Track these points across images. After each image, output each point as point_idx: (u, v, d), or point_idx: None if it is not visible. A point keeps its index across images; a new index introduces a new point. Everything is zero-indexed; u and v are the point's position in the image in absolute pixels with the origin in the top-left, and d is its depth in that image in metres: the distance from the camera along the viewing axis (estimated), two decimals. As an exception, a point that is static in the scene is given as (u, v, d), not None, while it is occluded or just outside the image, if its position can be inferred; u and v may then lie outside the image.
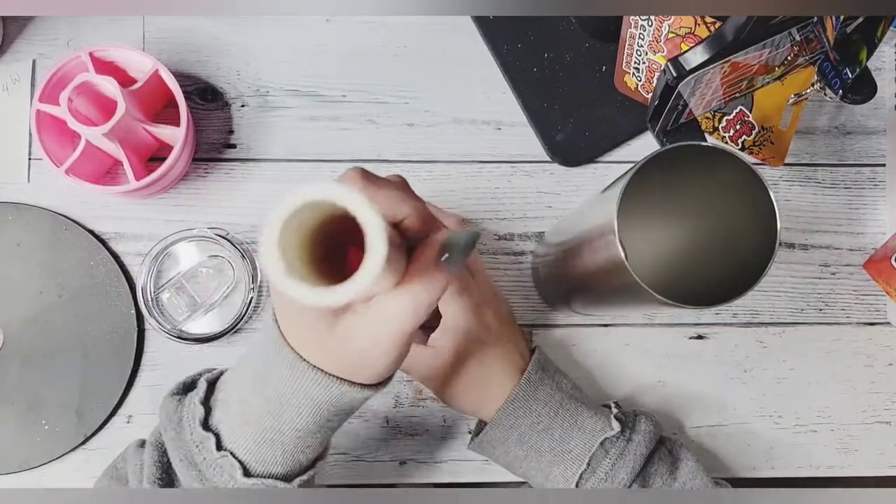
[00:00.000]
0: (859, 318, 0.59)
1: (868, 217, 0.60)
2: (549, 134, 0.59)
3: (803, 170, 0.61)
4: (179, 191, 0.57)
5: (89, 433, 0.54)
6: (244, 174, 0.57)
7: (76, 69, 0.53)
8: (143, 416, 0.55)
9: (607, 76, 0.58)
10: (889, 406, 0.59)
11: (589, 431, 0.46)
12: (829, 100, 0.52)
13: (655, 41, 0.54)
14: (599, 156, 0.59)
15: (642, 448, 0.46)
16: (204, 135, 0.57)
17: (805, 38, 0.45)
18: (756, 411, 0.58)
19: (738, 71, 0.45)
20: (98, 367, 0.54)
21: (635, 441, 0.46)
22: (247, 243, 0.56)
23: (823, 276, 0.60)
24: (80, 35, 0.58)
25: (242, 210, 0.57)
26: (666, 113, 0.45)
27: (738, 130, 0.55)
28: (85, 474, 0.54)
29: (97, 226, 0.56)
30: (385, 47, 0.59)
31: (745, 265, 0.38)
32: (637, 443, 0.46)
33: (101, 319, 0.55)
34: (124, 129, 0.51)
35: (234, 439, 0.35)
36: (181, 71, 0.58)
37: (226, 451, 0.34)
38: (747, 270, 0.38)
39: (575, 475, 0.46)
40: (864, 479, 0.59)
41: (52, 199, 0.56)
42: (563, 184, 0.59)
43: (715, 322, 0.59)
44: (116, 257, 0.56)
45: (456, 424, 0.56)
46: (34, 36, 0.58)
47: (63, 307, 0.55)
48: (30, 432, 0.53)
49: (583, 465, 0.45)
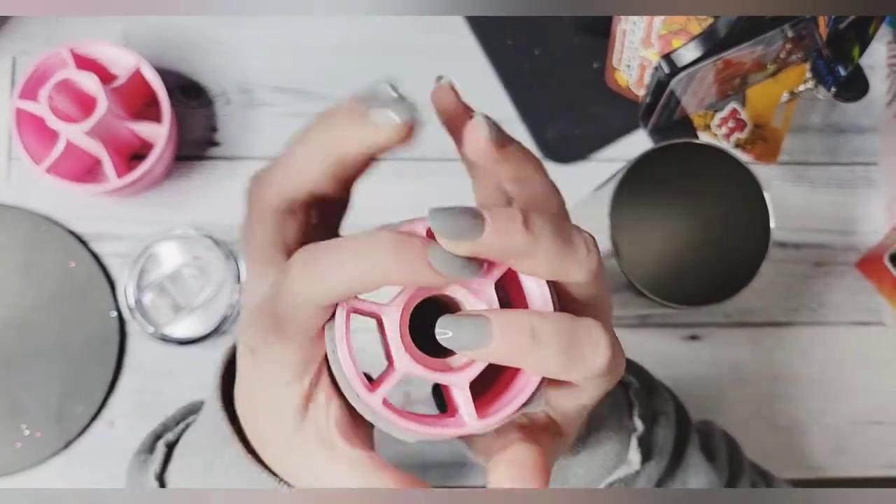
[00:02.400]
0: (852, 318, 0.59)
1: (861, 216, 0.60)
2: (539, 131, 0.58)
3: (796, 168, 0.60)
4: (162, 190, 0.56)
5: (71, 438, 0.53)
6: (228, 172, 0.56)
7: (56, 66, 0.51)
8: (125, 420, 0.54)
9: (599, 73, 0.58)
10: (883, 406, 0.59)
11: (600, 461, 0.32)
12: (822, 98, 0.52)
13: (647, 37, 0.54)
14: (591, 153, 0.59)
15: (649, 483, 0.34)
16: (187, 132, 0.56)
17: (798, 35, 0.45)
18: (749, 412, 0.58)
19: (730, 68, 0.44)
20: (79, 370, 0.53)
21: (643, 477, 0.34)
22: (231, 243, 0.55)
23: (816, 275, 0.59)
24: (60, 31, 0.57)
25: (226, 209, 0.56)
26: (658, 110, 0.44)
27: (730, 128, 0.54)
28: (66, 480, 0.53)
29: (78, 226, 0.55)
30: (372, 43, 0.58)
31: (738, 264, 0.38)
32: (646, 477, 0.34)
33: (82, 322, 0.54)
34: (105, 126, 0.50)
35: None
36: (164, 67, 0.56)
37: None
38: (740, 269, 0.38)
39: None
40: (858, 479, 0.58)
41: (31, 198, 0.55)
42: (554, 181, 0.58)
43: (708, 322, 0.58)
44: (97, 258, 0.54)
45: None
46: (14, 32, 0.56)
47: (43, 309, 0.53)
48: (9, 438, 0.52)
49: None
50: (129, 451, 0.53)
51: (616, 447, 0.32)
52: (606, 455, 0.32)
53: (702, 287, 0.38)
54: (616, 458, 0.32)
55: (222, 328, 0.54)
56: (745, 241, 0.38)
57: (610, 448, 0.32)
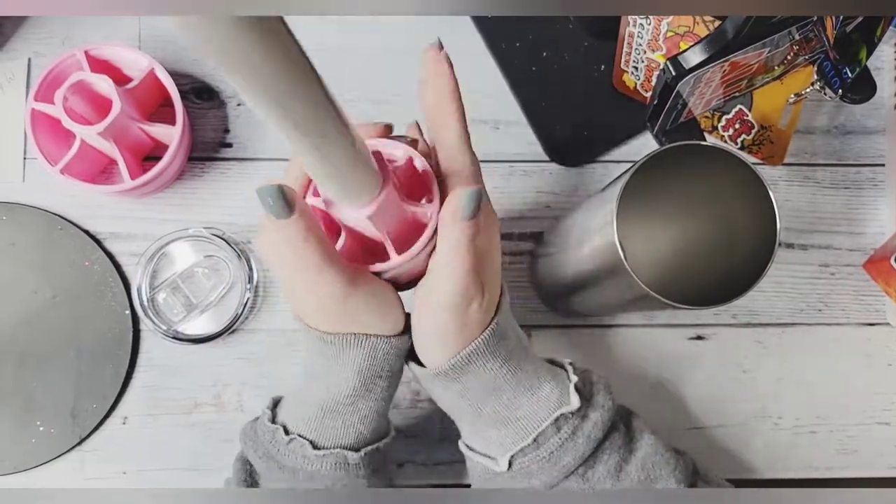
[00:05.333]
0: (859, 319, 0.59)
1: (867, 217, 0.60)
2: (547, 133, 0.58)
3: (803, 169, 0.60)
4: (175, 190, 0.56)
5: (84, 435, 0.53)
6: (240, 173, 0.57)
7: (71, 68, 0.52)
8: (138, 418, 0.54)
9: (606, 75, 0.58)
10: (888, 407, 0.59)
11: (544, 401, 0.38)
12: (829, 99, 0.52)
13: (654, 40, 0.54)
14: (598, 155, 0.59)
15: (597, 431, 0.38)
16: (200, 134, 0.57)
17: (804, 38, 0.45)
18: (755, 412, 0.58)
19: (737, 70, 0.45)
20: (93, 368, 0.54)
21: (591, 420, 0.38)
22: (243, 243, 0.56)
23: (823, 276, 0.59)
24: (75, 33, 0.57)
25: (238, 210, 0.57)
26: (665, 112, 0.45)
27: (737, 129, 0.55)
28: (80, 476, 0.54)
29: (92, 226, 0.56)
30: (380, 45, 0.59)
31: (745, 265, 0.38)
32: (593, 422, 0.38)
33: (97, 320, 0.54)
34: (119, 128, 0.51)
35: (297, 422, 0.38)
36: (177, 69, 0.57)
37: (293, 433, 0.38)
38: (747, 270, 0.38)
39: (515, 445, 0.38)
40: (864, 479, 0.58)
41: (46, 198, 0.55)
42: (561, 183, 0.59)
43: (714, 322, 0.58)
44: (111, 257, 0.55)
45: (453, 426, 0.56)
46: (30, 34, 0.57)
47: (58, 308, 0.54)
48: (24, 434, 0.53)
49: (527, 440, 0.38)
50: (141, 447, 0.54)
51: (556, 391, 0.38)
52: (549, 396, 0.38)
53: (708, 288, 0.38)
54: (557, 400, 0.38)
55: (234, 326, 0.55)
56: (751, 242, 0.38)
57: (550, 391, 0.38)
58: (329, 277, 0.33)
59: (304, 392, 0.39)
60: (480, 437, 0.40)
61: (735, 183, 0.38)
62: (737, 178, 0.38)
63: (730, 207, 0.38)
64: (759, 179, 0.38)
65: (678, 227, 0.38)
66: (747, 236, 0.38)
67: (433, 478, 0.56)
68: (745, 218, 0.38)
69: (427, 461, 0.55)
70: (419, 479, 0.55)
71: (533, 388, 0.38)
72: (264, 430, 0.39)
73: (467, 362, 0.36)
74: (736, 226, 0.38)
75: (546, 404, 0.38)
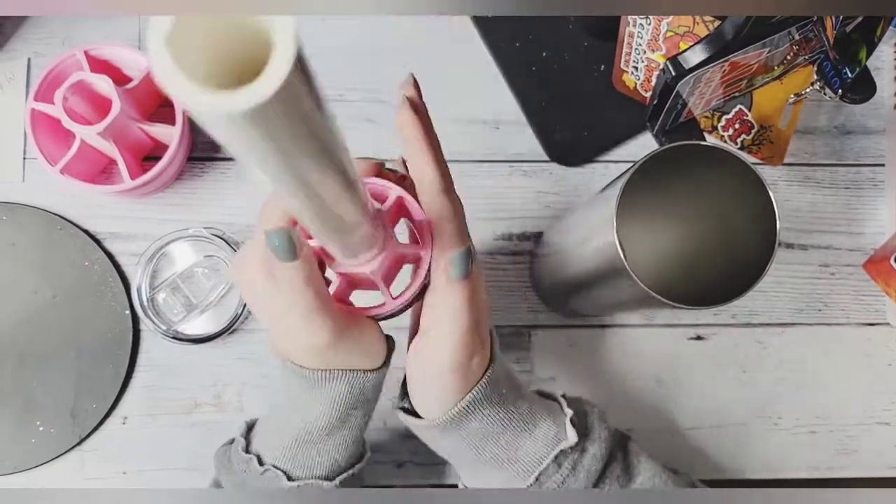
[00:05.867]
0: (858, 319, 0.59)
1: (867, 217, 0.60)
2: (547, 133, 0.58)
3: (802, 169, 0.60)
4: (175, 190, 0.56)
5: (84, 435, 0.53)
6: (240, 173, 0.57)
7: (71, 68, 0.52)
8: (138, 418, 0.54)
9: (606, 75, 0.58)
10: (888, 407, 0.59)
11: (542, 439, 0.38)
12: (829, 99, 0.52)
13: (654, 40, 0.54)
14: (598, 155, 0.59)
15: (597, 463, 0.39)
16: (199, 134, 0.57)
17: (804, 38, 0.45)
18: (755, 412, 0.58)
19: (737, 70, 0.45)
20: (93, 368, 0.54)
21: (590, 453, 0.39)
22: (243, 243, 0.55)
23: (823, 276, 0.59)
24: (75, 33, 0.57)
25: (238, 209, 0.57)
26: (665, 112, 0.45)
27: (737, 130, 0.55)
28: (80, 476, 0.54)
29: (92, 225, 0.56)
30: (383, 46, 0.59)
31: (745, 265, 0.38)
32: (591, 455, 0.39)
33: (96, 320, 0.54)
34: (119, 127, 0.51)
35: (272, 452, 0.38)
36: (177, 70, 0.57)
37: (267, 465, 0.38)
38: (746, 270, 0.38)
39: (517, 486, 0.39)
40: (864, 479, 0.58)
41: (46, 198, 0.55)
42: (561, 183, 0.59)
43: (714, 323, 0.58)
44: (111, 257, 0.55)
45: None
46: (30, 34, 0.57)
47: (58, 307, 0.54)
48: (24, 434, 0.53)
49: (530, 479, 0.38)
50: (141, 447, 0.54)
51: (553, 427, 0.38)
52: (546, 433, 0.38)
53: (708, 288, 0.38)
54: (555, 436, 0.38)
55: (234, 326, 0.55)
56: (751, 242, 0.38)
57: (547, 428, 0.38)
58: (319, 325, 0.32)
59: (278, 420, 0.38)
60: (482, 481, 0.40)
61: (735, 183, 0.38)
62: (737, 179, 0.38)
63: (730, 207, 0.38)
64: (759, 179, 0.38)
65: (678, 227, 0.38)
66: (747, 236, 0.38)
67: (433, 478, 0.56)
68: (745, 218, 0.38)
69: (427, 461, 0.55)
70: (419, 478, 0.55)
71: (530, 427, 0.38)
72: (238, 460, 0.39)
73: (466, 413, 0.36)
74: (736, 226, 0.38)
75: (545, 442, 0.38)
